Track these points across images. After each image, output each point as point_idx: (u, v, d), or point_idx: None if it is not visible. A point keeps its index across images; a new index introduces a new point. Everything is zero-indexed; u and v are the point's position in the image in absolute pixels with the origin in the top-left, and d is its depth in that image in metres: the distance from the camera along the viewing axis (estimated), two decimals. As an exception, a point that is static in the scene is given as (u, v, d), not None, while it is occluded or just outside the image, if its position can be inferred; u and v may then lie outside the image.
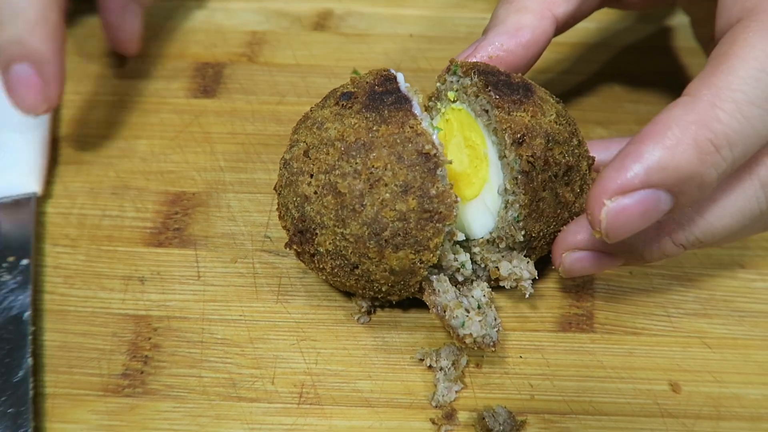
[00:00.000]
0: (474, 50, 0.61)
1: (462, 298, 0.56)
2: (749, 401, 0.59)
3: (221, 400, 0.57)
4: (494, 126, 0.56)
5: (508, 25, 0.59)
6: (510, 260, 0.57)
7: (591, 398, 0.59)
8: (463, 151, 0.58)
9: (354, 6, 0.89)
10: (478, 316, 0.55)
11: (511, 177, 0.55)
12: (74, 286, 0.63)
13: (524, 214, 0.54)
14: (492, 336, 0.55)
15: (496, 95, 0.55)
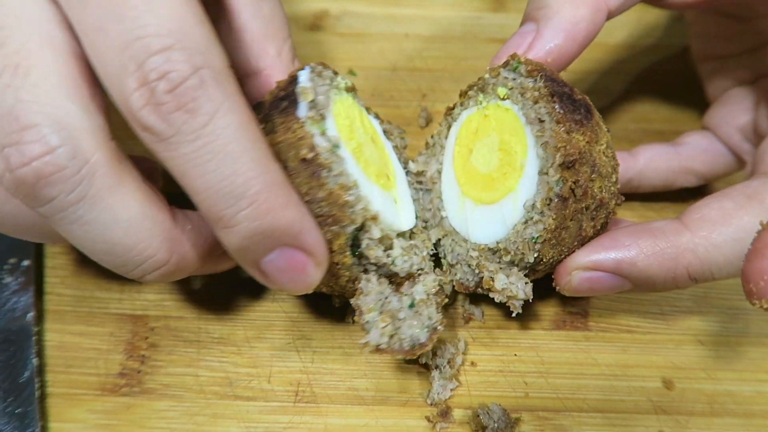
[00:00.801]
0: (529, 47, 0.54)
1: (393, 297, 0.53)
2: (742, 398, 0.60)
3: (218, 398, 0.58)
4: (547, 140, 0.51)
5: (565, 19, 0.53)
6: (507, 275, 0.54)
7: (585, 396, 0.59)
8: (495, 153, 0.55)
9: (350, 6, 0.89)
10: (385, 321, 0.51)
11: (546, 197, 0.51)
12: (72, 286, 0.64)
13: (545, 237, 0.51)
14: (417, 338, 0.51)
15: (560, 109, 0.51)
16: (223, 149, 0.42)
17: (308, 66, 0.54)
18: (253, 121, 0.43)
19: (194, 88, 0.41)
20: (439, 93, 0.80)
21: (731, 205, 0.52)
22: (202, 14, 0.43)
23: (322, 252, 0.47)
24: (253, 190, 0.42)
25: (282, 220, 0.44)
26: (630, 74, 0.82)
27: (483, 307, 0.63)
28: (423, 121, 0.78)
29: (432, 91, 0.81)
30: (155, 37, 0.40)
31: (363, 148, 0.54)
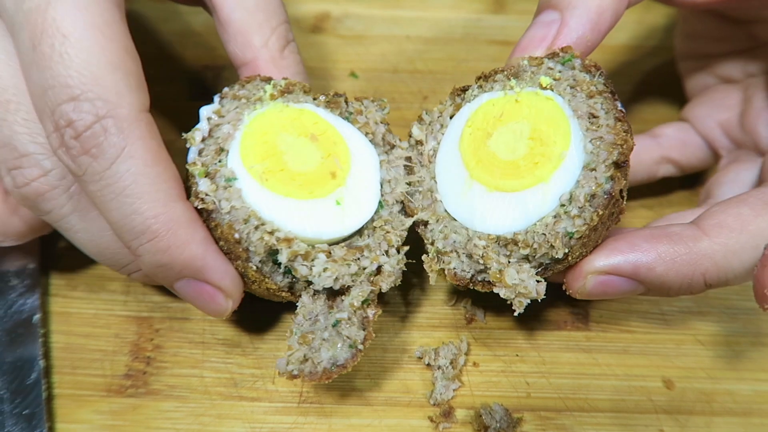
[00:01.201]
0: (556, 37, 0.53)
1: (323, 315, 0.53)
2: (742, 397, 0.60)
3: (223, 399, 0.58)
4: (602, 135, 0.50)
5: (591, 9, 0.52)
6: (518, 271, 0.51)
7: (586, 395, 0.60)
8: (523, 141, 0.52)
9: (351, 8, 0.89)
10: (302, 344, 0.51)
11: (591, 192, 0.49)
12: (77, 289, 0.64)
13: (582, 233, 0.49)
14: (336, 359, 0.51)
15: (621, 107, 0.50)
16: (124, 191, 0.47)
17: (217, 95, 0.56)
18: (159, 163, 0.48)
19: (96, 136, 0.46)
20: (440, 95, 0.81)
21: (748, 212, 0.51)
22: (118, 59, 0.47)
23: (231, 286, 0.51)
24: (153, 228, 0.47)
25: (181, 256, 0.48)
26: (629, 76, 0.83)
27: (485, 308, 0.64)
28: (424, 123, 0.78)
29: (433, 92, 0.81)
30: (65, 87, 0.46)
31: (284, 160, 0.54)
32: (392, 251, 0.55)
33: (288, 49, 0.59)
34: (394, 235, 0.55)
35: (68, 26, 0.46)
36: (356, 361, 0.51)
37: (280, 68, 0.58)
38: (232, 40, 0.58)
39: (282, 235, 0.51)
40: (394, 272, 0.54)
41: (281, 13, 0.59)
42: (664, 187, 0.73)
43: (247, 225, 0.51)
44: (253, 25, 0.57)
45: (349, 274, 0.53)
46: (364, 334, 0.52)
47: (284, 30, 0.59)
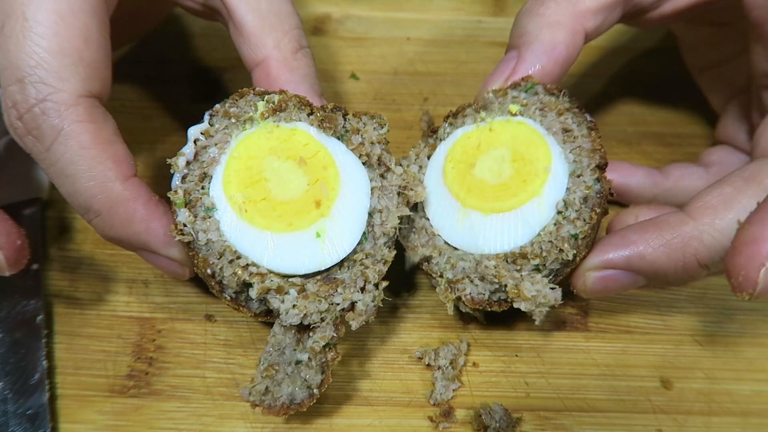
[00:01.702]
0: (513, 72, 0.58)
1: (289, 349, 0.53)
2: (740, 397, 0.61)
3: (224, 399, 0.59)
4: (580, 145, 0.55)
5: (545, 43, 0.57)
6: (532, 282, 0.53)
7: (585, 395, 0.60)
8: (506, 164, 0.56)
9: (351, 10, 0.90)
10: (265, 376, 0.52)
11: (583, 195, 0.53)
12: (80, 290, 0.65)
13: (585, 233, 0.52)
14: (294, 397, 0.51)
15: (590, 118, 0.56)
16: (63, 171, 0.50)
17: (207, 113, 0.55)
18: (97, 146, 0.50)
19: (35, 117, 0.49)
20: (440, 96, 0.81)
21: (731, 190, 0.53)
22: (72, 46, 0.49)
23: (180, 257, 0.53)
24: (95, 207, 0.51)
25: (125, 233, 0.52)
26: (627, 77, 0.83)
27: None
28: (425, 125, 0.79)
29: (433, 94, 0.81)
30: (15, 69, 0.49)
31: (267, 188, 0.53)
32: (369, 287, 0.53)
33: (301, 52, 0.60)
34: (371, 272, 0.53)
35: (32, 11, 0.49)
36: (312, 401, 0.52)
37: (291, 69, 0.59)
38: (245, 43, 0.59)
39: (255, 270, 0.51)
40: (366, 310, 0.53)
41: (294, 18, 0.61)
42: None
43: (221, 260, 0.51)
44: (265, 28, 0.59)
45: (318, 311, 0.52)
46: (321, 378, 0.52)
47: (297, 34, 0.60)
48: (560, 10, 0.57)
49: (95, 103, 0.51)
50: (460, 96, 0.82)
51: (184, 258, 0.53)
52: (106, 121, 0.52)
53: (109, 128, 0.52)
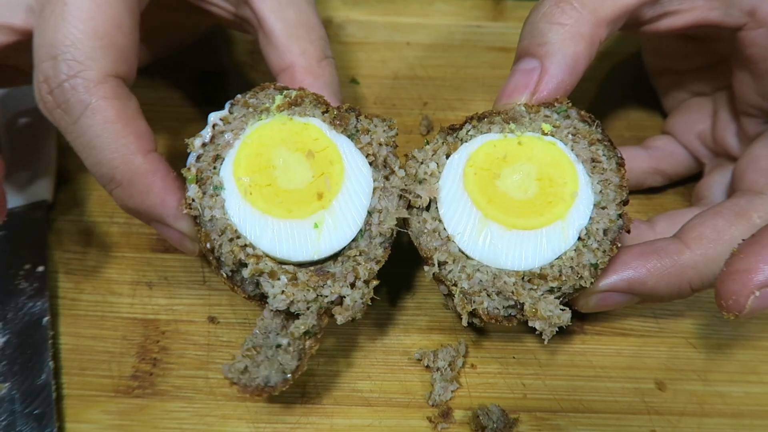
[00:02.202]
0: (538, 85, 0.57)
1: (273, 333, 0.54)
2: (732, 399, 0.62)
3: (227, 400, 0.60)
4: (608, 179, 0.56)
5: (568, 56, 0.56)
6: (546, 303, 0.54)
7: (581, 397, 0.62)
8: (532, 182, 0.56)
9: (352, 14, 0.91)
10: (247, 356, 0.53)
11: (607, 227, 0.55)
12: (85, 291, 0.66)
13: (605, 263, 0.54)
14: (268, 380, 0.52)
15: (620, 155, 0.56)
16: (89, 143, 0.53)
17: (228, 101, 0.58)
18: (120, 120, 0.53)
19: (65, 92, 0.53)
20: (440, 101, 0.82)
21: (723, 223, 0.56)
22: (104, 30, 0.54)
23: (192, 233, 0.55)
24: (117, 178, 0.54)
25: (143, 204, 0.54)
26: (626, 82, 0.84)
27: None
28: (424, 129, 0.80)
29: (433, 99, 0.82)
30: (49, 47, 0.53)
31: (274, 175, 0.55)
32: (359, 284, 0.54)
33: (325, 61, 0.63)
34: (363, 269, 0.54)
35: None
36: (285, 386, 0.52)
37: (315, 77, 0.62)
38: (273, 49, 0.62)
39: (251, 251, 0.53)
40: (354, 306, 0.53)
41: (320, 29, 0.64)
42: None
43: (222, 237, 0.53)
44: (293, 36, 0.62)
45: (305, 300, 0.53)
46: (297, 364, 0.53)
47: (322, 44, 0.64)
48: (582, 21, 0.57)
49: (120, 83, 0.55)
50: (459, 100, 0.83)
51: (193, 233, 0.55)
52: (129, 99, 0.55)
53: (133, 106, 0.55)
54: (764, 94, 0.61)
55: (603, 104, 0.83)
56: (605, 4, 0.57)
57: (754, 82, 0.61)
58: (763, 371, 0.63)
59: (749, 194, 0.60)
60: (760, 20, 0.57)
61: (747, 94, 0.63)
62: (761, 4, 0.57)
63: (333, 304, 0.53)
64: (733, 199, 0.60)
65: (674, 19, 0.61)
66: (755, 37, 0.58)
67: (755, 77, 0.61)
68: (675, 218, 0.64)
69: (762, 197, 0.58)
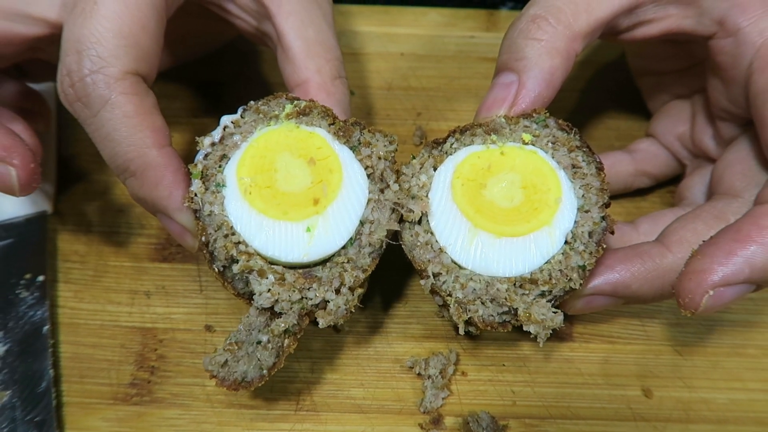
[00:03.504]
0: (516, 98, 0.59)
1: (255, 330, 0.55)
2: (717, 405, 0.64)
3: (224, 407, 0.62)
4: (589, 183, 0.58)
5: (544, 70, 0.58)
6: (539, 307, 0.55)
7: (569, 403, 0.63)
8: (518, 190, 0.58)
9: (348, 25, 0.92)
10: (228, 350, 0.54)
11: (591, 230, 0.56)
12: (84, 300, 0.67)
13: (592, 264, 0.55)
14: (246, 375, 0.54)
15: (599, 159, 0.58)
16: (108, 135, 0.56)
17: (241, 106, 0.60)
18: (138, 115, 0.56)
19: (86, 86, 0.55)
20: (433, 111, 0.84)
21: (702, 227, 0.58)
22: (129, 31, 0.56)
23: (192, 229, 0.57)
24: (131, 168, 0.56)
25: (151, 195, 0.57)
26: (615, 92, 0.86)
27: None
28: (417, 139, 0.81)
29: (426, 109, 0.84)
30: (76, 42, 0.55)
31: (274, 178, 0.56)
32: (344, 290, 0.55)
33: (339, 80, 0.66)
34: (349, 275, 0.55)
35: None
36: (261, 383, 0.54)
37: (329, 94, 0.64)
38: (290, 64, 0.65)
39: (244, 248, 0.55)
40: (336, 312, 0.54)
41: (336, 50, 0.66)
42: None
43: (217, 232, 0.55)
44: (310, 53, 0.64)
45: (289, 300, 0.54)
46: (274, 361, 0.54)
47: (337, 64, 0.66)
48: (558, 36, 0.59)
49: (139, 80, 0.57)
50: (452, 111, 0.85)
51: (193, 227, 0.57)
52: (147, 95, 0.58)
53: (150, 101, 0.58)
54: (734, 100, 0.62)
55: (592, 114, 0.85)
56: (580, 19, 0.59)
57: (724, 88, 0.63)
58: (747, 378, 0.65)
59: (727, 197, 0.62)
60: (729, 29, 0.59)
61: (719, 100, 0.64)
62: (730, 13, 0.59)
63: (317, 307, 0.55)
64: (711, 203, 0.62)
65: (649, 28, 0.63)
66: (724, 45, 0.60)
67: (725, 84, 0.62)
68: (658, 219, 0.66)
69: (739, 200, 0.60)
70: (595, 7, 0.59)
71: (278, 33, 0.65)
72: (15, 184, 0.59)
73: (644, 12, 0.62)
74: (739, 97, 0.61)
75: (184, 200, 0.55)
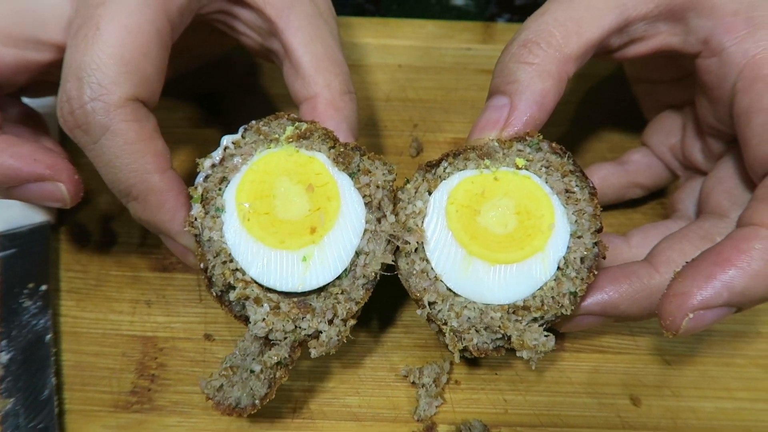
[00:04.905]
0: (507, 120, 0.60)
1: (250, 356, 0.57)
2: (704, 413, 0.65)
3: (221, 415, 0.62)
4: (582, 209, 0.58)
5: (536, 92, 0.59)
6: (531, 332, 0.56)
7: (559, 412, 0.65)
8: (511, 215, 0.58)
9: (347, 37, 0.93)
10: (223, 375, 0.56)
11: (583, 255, 0.57)
12: (86, 309, 0.69)
13: (583, 290, 0.56)
14: (239, 401, 0.55)
15: (592, 185, 0.58)
16: (109, 162, 0.56)
17: (242, 126, 0.60)
18: (139, 141, 0.56)
19: (86, 114, 0.55)
20: (430, 123, 0.85)
21: (689, 247, 0.59)
22: (131, 57, 0.56)
23: (194, 251, 0.58)
24: (133, 193, 0.57)
25: (154, 218, 0.58)
26: (609, 104, 0.87)
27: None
28: (414, 151, 0.83)
29: (423, 121, 0.85)
30: (77, 69, 0.55)
31: (273, 204, 0.57)
32: (337, 321, 0.56)
33: (348, 96, 0.66)
34: (342, 307, 0.56)
35: (105, 22, 0.55)
36: (253, 410, 0.56)
37: (336, 109, 0.64)
38: (299, 80, 0.65)
39: (241, 276, 0.56)
40: (329, 343, 0.55)
41: (344, 65, 0.67)
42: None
43: (216, 258, 0.56)
44: (319, 69, 0.65)
45: (283, 330, 0.55)
46: (266, 392, 0.56)
47: (345, 79, 0.66)
48: (549, 59, 0.59)
49: (140, 105, 0.57)
50: (448, 122, 0.86)
51: (195, 249, 0.58)
52: (148, 119, 0.58)
53: (151, 126, 0.58)
54: (720, 118, 0.63)
55: (585, 126, 0.86)
56: (570, 42, 0.59)
57: (710, 106, 0.64)
58: (734, 387, 0.66)
59: (714, 217, 0.62)
60: (713, 49, 0.60)
61: (706, 117, 0.65)
62: (714, 33, 0.59)
63: (309, 337, 0.56)
64: (699, 222, 0.63)
65: (640, 46, 0.64)
66: (709, 65, 0.61)
67: (711, 102, 0.63)
68: (649, 231, 0.67)
69: (725, 220, 0.61)
70: (585, 29, 0.59)
71: (286, 48, 0.65)
72: (66, 197, 0.61)
73: (635, 30, 0.63)
74: (725, 116, 0.62)
75: (185, 224, 0.56)
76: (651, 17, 0.61)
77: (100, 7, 0.55)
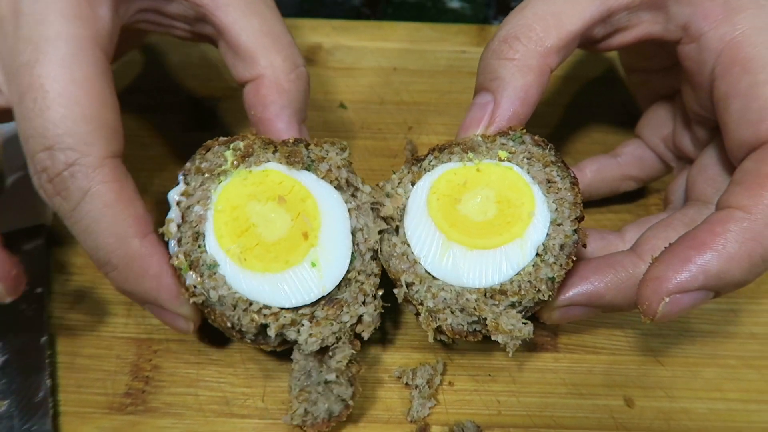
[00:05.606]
0: (492, 117, 0.60)
1: (314, 370, 0.58)
2: (697, 414, 0.65)
3: (216, 416, 0.63)
4: (562, 197, 0.59)
5: (518, 88, 0.59)
6: (507, 317, 0.57)
7: (553, 413, 0.65)
8: (491, 204, 0.59)
9: (342, 40, 0.94)
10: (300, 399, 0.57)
11: (563, 242, 0.57)
12: (81, 312, 0.69)
13: (561, 276, 0.57)
14: (332, 411, 0.57)
15: (573, 174, 0.60)
16: (88, 228, 0.53)
17: (180, 174, 0.58)
18: (119, 204, 0.53)
19: (65, 180, 0.52)
20: (424, 126, 0.86)
21: (674, 235, 0.58)
22: (93, 111, 0.52)
23: (187, 312, 0.57)
24: (113, 262, 0.54)
25: (138, 287, 0.55)
26: (602, 106, 0.88)
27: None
28: (409, 153, 0.83)
29: (417, 123, 0.86)
30: (42, 138, 0.52)
31: (257, 233, 0.57)
32: (368, 299, 0.58)
33: (295, 72, 0.63)
34: (368, 286, 0.58)
35: (50, 82, 0.51)
36: (349, 411, 0.58)
37: (280, 91, 0.61)
38: (239, 62, 0.62)
39: (268, 311, 0.56)
40: (372, 320, 0.58)
41: (286, 37, 0.63)
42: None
43: (236, 311, 0.55)
44: (258, 47, 0.61)
45: (332, 333, 0.57)
46: (352, 390, 0.57)
47: (290, 52, 0.62)
48: (529, 54, 0.60)
49: (118, 162, 0.55)
50: (443, 125, 0.86)
51: (192, 314, 0.57)
52: (127, 179, 0.55)
53: (131, 187, 0.55)
54: (703, 105, 0.63)
55: (579, 129, 0.86)
56: (550, 35, 0.59)
57: (693, 93, 0.64)
58: (727, 388, 0.67)
59: (698, 204, 0.63)
60: (692, 35, 0.60)
61: (690, 103, 0.65)
62: (693, 19, 0.59)
63: (355, 325, 0.58)
64: (683, 210, 0.63)
65: (624, 35, 0.64)
66: (689, 51, 0.61)
67: (693, 89, 0.63)
68: (643, 226, 0.66)
69: (710, 207, 0.61)
70: (565, 21, 0.59)
71: (219, 29, 0.61)
72: (2, 293, 0.57)
73: (618, 20, 0.62)
74: (707, 102, 0.62)
75: (183, 295, 0.55)
76: (633, 6, 0.61)
77: (36, 66, 0.51)
